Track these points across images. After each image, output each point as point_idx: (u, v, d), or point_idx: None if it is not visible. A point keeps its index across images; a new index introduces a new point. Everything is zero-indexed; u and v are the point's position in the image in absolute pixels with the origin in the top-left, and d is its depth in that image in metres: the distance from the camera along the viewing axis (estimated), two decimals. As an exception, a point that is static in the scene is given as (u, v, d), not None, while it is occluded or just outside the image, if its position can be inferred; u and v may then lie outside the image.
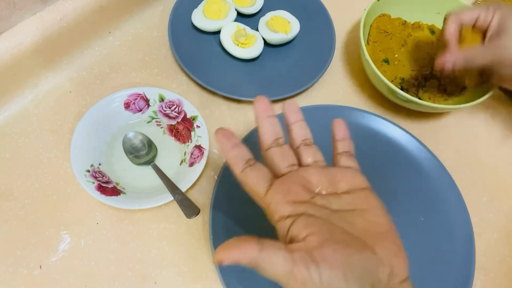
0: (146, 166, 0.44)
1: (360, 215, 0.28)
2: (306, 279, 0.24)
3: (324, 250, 0.25)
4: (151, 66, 0.51)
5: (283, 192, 0.28)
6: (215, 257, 0.25)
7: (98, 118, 0.43)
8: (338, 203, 0.28)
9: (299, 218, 0.26)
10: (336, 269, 0.24)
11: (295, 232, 0.26)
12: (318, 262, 0.24)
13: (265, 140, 0.31)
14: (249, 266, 0.25)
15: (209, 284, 0.40)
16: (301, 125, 0.32)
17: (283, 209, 0.27)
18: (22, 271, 0.39)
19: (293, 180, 0.29)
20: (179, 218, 0.42)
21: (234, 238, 0.25)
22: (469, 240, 0.43)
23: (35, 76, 0.47)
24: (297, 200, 0.27)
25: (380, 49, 0.53)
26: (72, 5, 0.47)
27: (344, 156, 0.32)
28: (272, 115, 0.31)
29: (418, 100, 0.46)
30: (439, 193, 0.46)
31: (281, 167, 0.30)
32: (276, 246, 0.25)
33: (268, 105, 0.31)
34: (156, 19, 0.55)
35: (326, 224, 0.26)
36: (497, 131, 0.53)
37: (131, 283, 0.39)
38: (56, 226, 0.41)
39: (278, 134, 0.31)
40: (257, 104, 0.31)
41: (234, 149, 0.29)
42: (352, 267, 0.24)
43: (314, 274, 0.24)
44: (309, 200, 0.28)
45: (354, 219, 0.27)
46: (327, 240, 0.25)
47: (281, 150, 0.30)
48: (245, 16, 0.56)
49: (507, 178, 0.50)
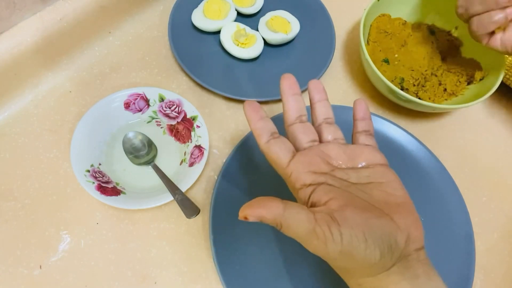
0: (146, 166, 0.44)
1: (378, 187, 0.29)
2: (328, 238, 0.25)
3: (345, 212, 0.26)
4: (151, 66, 0.51)
5: (304, 162, 0.29)
6: (240, 213, 0.26)
7: (98, 118, 0.43)
8: (356, 177, 0.29)
9: (320, 186, 0.28)
10: (356, 230, 0.25)
11: (316, 198, 0.27)
12: (339, 222, 0.25)
13: (289, 116, 0.32)
14: (273, 223, 0.26)
15: (209, 284, 0.40)
16: (324, 104, 0.34)
17: (305, 178, 0.28)
18: (22, 271, 0.39)
19: (314, 152, 0.30)
20: (179, 218, 0.42)
21: (259, 197, 0.26)
22: (469, 240, 0.43)
23: (35, 76, 0.47)
24: (318, 171, 0.29)
25: (380, 49, 0.53)
26: (72, 5, 0.47)
27: (363, 135, 0.33)
28: (297, 93, 0.33)
29: (418, 100, 0.46)
30: (439, 193, 0.46)
31: (303, 142, 0.31)
32: (299, 206, 0.26)
33: (294, 82, 0.33)
34: (156, 19, 0.55)
35: (345, 192, 0.28)
36: (497, 131, 0.53)
37: (131, 283, 0.39)
38: (56, 226, 0.41)
39: (301, 111, 0.32)
40: (283, 81, 0.32)
41: (261, 121, 0.30)
42: (371, 229, 0.25)
43: (335, 233, 0.25)
44: (329, 172, 0.29)
45: (372, 191, 0.29)
46: (347, 204, 0.26)
47: (304, 126, 0.32)
48: (245, 16, 0.56)
49: (507, 178, 0.50)
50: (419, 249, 0.27)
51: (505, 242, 0.46)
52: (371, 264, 0.25)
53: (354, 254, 0.25)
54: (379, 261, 0.25)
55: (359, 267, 0.26)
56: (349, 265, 0.26)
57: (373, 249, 0.25)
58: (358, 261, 0.25)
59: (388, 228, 0.26)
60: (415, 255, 0.27)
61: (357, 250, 0.25)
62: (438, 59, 0.54)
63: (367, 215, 0.26)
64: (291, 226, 0.25)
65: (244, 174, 0.44)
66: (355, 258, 0.25)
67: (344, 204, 0.26)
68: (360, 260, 0.25)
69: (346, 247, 0.25)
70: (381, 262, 0.25)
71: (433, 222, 0.44)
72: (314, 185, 0.28)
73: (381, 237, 0.25)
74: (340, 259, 0.25)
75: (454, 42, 0.55)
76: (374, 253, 0.25)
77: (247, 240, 0.41)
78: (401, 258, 0.26)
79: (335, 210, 0.26)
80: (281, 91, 0.32)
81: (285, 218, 0.25)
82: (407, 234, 0.27)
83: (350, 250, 0.25)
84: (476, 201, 0.47)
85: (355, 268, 0.26)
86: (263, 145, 0.30)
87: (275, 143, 0.30)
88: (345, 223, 0.25)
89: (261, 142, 0.30)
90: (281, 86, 0.32)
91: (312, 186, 0.28)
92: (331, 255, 0.25)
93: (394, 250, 0.26)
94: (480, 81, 0.51)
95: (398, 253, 0.26)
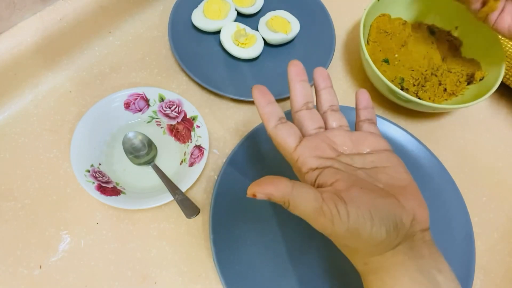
0: (146, 166, 0.44)
1: (383, 171, 0.30)
2: (334, 216, 0.25)
3: (351, 192, 0.26)
4: (151, 66, 0.51)
5: (311, 147, 0.30)
6: (249, 190, 0.26)
7: (98, 118, 0.43)
8: (361, 162, 0.30)
9: (326, 169, 0.28)
10: (362, 208, 0.25)
11: (322, 180, 0.28)
12: (345, 201, 0.26)
13: (296, 102, 0.33)
14: (280, 201, 0.26)
15: (209, 284, 0.40)
16: (329, 91, 0.34)
17: (311, 162, 0.29)
18: (22, 271, 0.39)
19: (321, 138, 0.31)
20: (179, 218, 0.42)
21: (268, 176, 0.27)
22: (469, 240, 0.43)
23: (35, 76, 0.47)
24: (324, 156, 0.29)
25: (380, 49, 0.53)
26: (72, 5, 0.47)
27: (366, 123, 0.34)
28: (305, 79, 0.33)
29: (418, 100, 0.46)
30: (439, 193, 0.46)
31: (309, 129, 0.32)
32: (307, 186, 0.26)
33: (302, 69, 0.33)
34: (156, 19, 0.55)
35: (351, 175, 0.28)
36: (497, 131, 0.53)
37: (131, 283, 0.39)
38: (56, 226, 0.41)
39: (308, 98, 0.33)
40: (291, 68, 0.33)
41: (269, 106, 0.31)
42: (377, 208, 0.26)
43: (342, 211, 0.25)
44: (335, 157, 0.30)
45: (377, 175, 0.29)
46: (353, 185, 0.27)
47: (310, 113, 0.32)
48: (245, 16, 0.56)
49: (507, 178, 0.50)
50: (424, 230, 0.28)
51: (505, 242, 0.46)
52: (377, 242, 0.26)
53: (361, 232, 0.25)
54: (384, 239, 0.26)
55: (365, 246, 0.26)
56: (355, 244, 0.26)
57: (379, 227, 0.25)
58: (364, 239, 0.25)
59: (394, 207, 0.27)
60: (420, 236, 0.27)
61: (363, 228, 0.25)
62: (438, 59, 0.54)
63: (373, 195, 0.27)
64: (299, 204, 0.26)
65: (244, 174, 0.44)
66: (361, 236, 0.25)
67: (350, 185, 0.27)
68: (366, 238, 0.25)
69: (352, 225, 0.25)
70: (386, 240, 0.26)
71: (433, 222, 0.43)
72: (320, 168, 0.28)
73: (387, 215, 0.26)
74: (346, 237, 0.26)
75: (454, 42, 0.55)
76: (380, 231, 0.25)
77: (247, 240, 0.41)
78: (407, 237, 0.27)
79: (341, 190, 0.26)
80: (288, 77, 0.33)
81: (293, 196, 0.25)
82: (413, 214, 0.27)
83: (357, 228, 0.25)
84: (476, 201, 0.47)
85: (361, 246, 0.27)
86: (271, 129, 0.30)
87: (283, 127, 0.30)
88: (352, 202, 0.25)
89: (269, 127, 0.31)
90: (289, 73, 0.33)
91: (318, 170, 0.28)
92: (337, 233, 0.25)
93: (400, 229, 0.26)
94: (480, 81, 0.51)
95: (403, 232, 0.26)
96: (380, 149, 0.31)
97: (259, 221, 0.43)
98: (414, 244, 0.27)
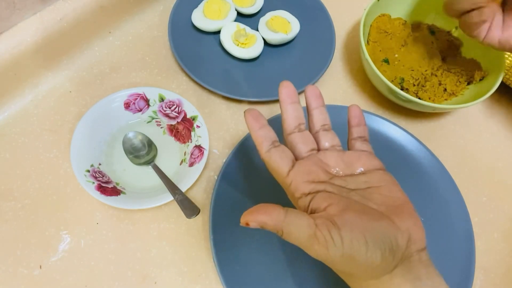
0: (146, 166, 0.44)
1: (376, 191, 0.29)
2: (328, 242, 0.25)
3: (344, 216, 0.26)
4: (151, 66, 0.51)
5: (304, 172, 0.29)
6: (242, 219, 0.26)
7: (98, 118, 0.43)
8: (355, 183, 0.30)
9: (319, 193, 0.28)
10: (356, 232, 0.25)
11: (315, 205, 0.28)
12: (339, 226, 0.25)
13: (288, 125, 0.32)
14: (274, 230, 0.26)
15: (209, 284, 0.40)
16: (321, 111, 0.34)
17: (304, 187, 0.29)
18: (22, 271, 0.39)
19: (313, 162, 0.31)
20: (179, 218, 0.42)
21: (260, 204, 0.27)
22: (469, 240, 0.43)
23: (35, 76, 0.47)
24: (317, 180, 0.29)
25: (380, 49, 0.53)
26: (72, 5, 0.47)
27: (359, 141, 0.33)
28: (296, 101, 0.33)
29: (418, 100, 0.46)
30: (439, 193, 0.46)
31: (302, 152, 0.32)
32: (300, 213, 0.26)
33: (293, 91, 0.33)
34: (156, 19, 0.55)
35: (344, 198, 0.28)
36: (497, 131, 0.53)
37: (131, 283, 0.39)
38: (56, 226, 0.41)
39: (300, 120, 0.33)
40: (282, 90, 0.33)
41: (262, 130, 0.31)
42: (372, 231, 0.26)
43: (336, 237, 0.25)
44: (327, 180, 0.30)
45: (371, 195, 0.29)
46: (346, 209, 0.27)
47: (302, 136, 0.32)
48: (245, 16, 0.56)
49: (507, 178, 0.50)
50: (420, 250, 0.27)
51: (505, 242, 0.46)
52: (373, 267, 0.25)
53: (356, 257, 0.25)
54: (380, 263, 0.25)
55: (361, 270, 0.26)
56: (351, 269, 0.26)
57: (374, 251, 0.25)
58: (359, 263, 0.25)
59: (388, 229, 0.26)
60: (417, 256, 0.27)
61: (358, 253, 0.25)
62: (438, 59, 0.54)
63: (367, 218, 0.26)
64: (292, 232, 0.25)
65: (244, 174, 0.44)
66: (357, 261, 0.25)
67: (343, 209, 0.26)
68: (361, 262, 0.25)
69: (347, 250, 0.25)
70: (382, 264, 0.25)
71: (433, 222, 0.44)
72: (313, 193, 0.28)
73: (381, 238, 0.25)
74: (342, 262, 0.25)
75: (454, 42, 0.55)
76: (375, 255, 0.25)
77: (247, 240, 0.41)
78: (403, 259, 0.26)
79: (334, 215, 0.26)
80: (280, 99, 0.32)
81: (286, 224, 0.25)
82: (408, 235, 0.27)
83: (351, 253, 0.25)
84: (476, 201, 0.47)
85: (357, 271, 0.26)
86: (264, 154, 0.30)
87: (276, 152, 0.30)
88: (345, 227, 0.25)
89: (262, 151, 0.30)
90: (280, 95, 0.32)
91: (311, 195, 0.28)
92: (333, 259, 0.25)
93: (396, 252, 0.26)
94: (480, 81, 0.51)
95: (399, 255, 0.26)
96: (373, 168, 0.31)
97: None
98: (411, 265, 0.26)
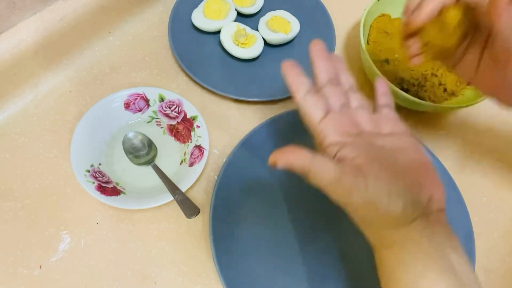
0: (146, 166, 0.44)
1: (402, 152, 0.30)
2: (353, 187, 0.26)
3: (370, 166, 0.27)
4: (151, 66, 0.51)
5: (335, 122, 0.30)
6: (270, 158, 0.27)
7: (98, 118, 0.43)
8: (382, 141, 0.31)
9: (348, 144, 0.29)
10: (381, 182, 0.26)
11: (342, 154, 0.28)
12: (365, 174, 0.26)
13: (321, 78, 0.33)
14: (300, 171, 0.26)
15: (209, 284, 0.40)
16: (347, 74, 0.35)
17: (334, 137, 0.29)
18: (22, 271, 0.39)
19: (345, 115, 0.31)
20: (179, 218, 0.42)
21: (289, 146, 0.27)
22: (469, 240, 0.43)
23: (35, 76, 0.47)
24: (347, 132, 0.30)
25: (380, 49, 0.53)
26: (72, 5, 0.47)
27: (385, 108, 0.34)
28: (326, 57, 0.34)
29: (418, 100, 0.46)
30: (439, 193, 0.46)
31: (334, 105, 0.32)
32: (326, 157, 0.27)
33: (324, 48, 0.34)
34: (156, 19, 0.55)
35: (372, 152, 0.29)
36: (497, 131, 0.53)
37: (131, 283, 0.39)
38: (56, 226, 0.41)
39: (331, 75, 0.33)
40: (313, 47, 0.34)
41: (298, 76, 0.31)
42: (396, 184, 0.26)
43: (361, 184, 0.26)
44: (356, 134, 0.30)
45: (396, 155, 0.30)
46: (373, 161, 0.27)
47: (335, 90, 0.33)
48: (245, 16, 0.56)
49: (507, 178, 0.50)
50: (440, 210, 0.28)
51: (505, 242, 0.46)
52: (393, 216, 0.26)
53: (377, 205, 0.26)
54: (400, 213, 0.26)
55: (380, 219, 0.27)
56: (371, 216, 0.27)
57: (396, 201, 0.26)
58: (380, 211, 0.26)
59: (412, 184, 0.27)
60: (436, 216, 0.28)
61: (380, 201, 0.25)
62: (438, 59, 0.54)
63: (392, 172, 0.27)
64: (318, 173, 0.26)
65: (244, 174, 0.44)
66: (378, 209, 0.26)
67: (370, 161, 0.27)
68: (382, 211, 0.26)
69: (370, 197, 0.25)
70: (402, 215, 0.26)
71: (433, 222, 0.44)
72: (342, 143, 0.29)
73: (404, 191, 0.26)
74: (363, 208, 0.26)
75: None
76: (397, 205, 0.26)
77: (247, 240, 0.41)
78: (423, 215, 0.27)
79: (361, 164, 0.27)
80: (311, 55, 0.33)
81: (313, 165, 0.26)
82: (430, 193, 0.28)
83: (374, 201, 0.25)
84: (476, 201, 0.47)
85: (377, 219, 0.27)
86: (300, 98, 0.31)
87: (311, 98, 0.31)
88: (371, 175, 0.26)
89: (298, 96, 0.31)
90: (311, 52, 0.33)
91: (340, 145, 0.29)
92: (354, 204, 0.26)
93: (416, 206, 0.27)
94: (480, 81, 0.51)
95: (420, 209, 0.27)
96: (400, 131, 0.32)
97: (259, 221, 0.43)
98: (429, 223, 0.27)
